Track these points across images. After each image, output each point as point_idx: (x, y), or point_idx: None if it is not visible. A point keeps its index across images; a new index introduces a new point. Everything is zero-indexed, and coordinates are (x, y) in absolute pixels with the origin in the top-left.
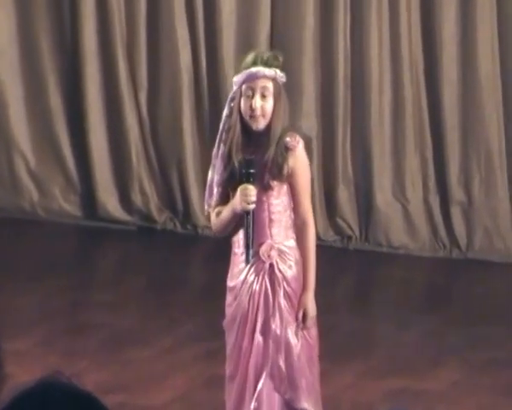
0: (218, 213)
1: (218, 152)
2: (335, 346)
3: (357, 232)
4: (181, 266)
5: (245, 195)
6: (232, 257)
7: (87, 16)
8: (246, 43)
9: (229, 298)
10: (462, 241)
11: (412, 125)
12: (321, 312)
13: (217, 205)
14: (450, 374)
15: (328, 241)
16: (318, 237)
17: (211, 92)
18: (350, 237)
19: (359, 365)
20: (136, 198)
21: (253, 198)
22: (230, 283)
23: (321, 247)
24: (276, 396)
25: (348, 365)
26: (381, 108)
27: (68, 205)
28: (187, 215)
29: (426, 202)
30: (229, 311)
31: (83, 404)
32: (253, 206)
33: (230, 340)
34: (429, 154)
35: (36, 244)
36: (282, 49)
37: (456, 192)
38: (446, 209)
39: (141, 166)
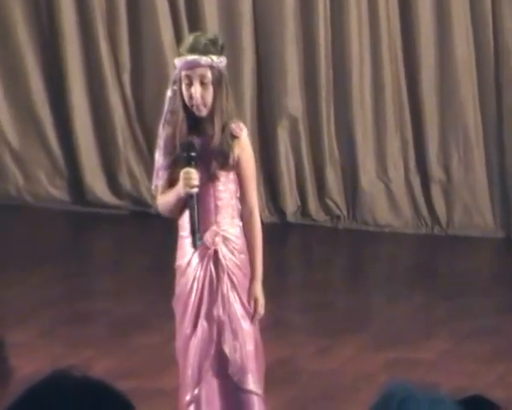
0: (163, 193)
1: (162, 133)
2: (334, 322)
3: (344, 212)
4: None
5: (187, 179)
6: (179, 240)
7: None
8: (228, 23)
9: (176, 277)
10: (443, 218)
11: (392, 106)
12: (318, 289)
13: (165, 186)
14: (440, 344)
15: (319, 221)
16: (311, 218)
17: None
18: (338, 217)
19: (357, 338)
20: (125, 181)
21: (195, 182)
22: (176, 263)
23: (314, 227)
24: (218, 383)
25: (347, 339)
26: (361, 90)
27: (55, 190)
28: None
29: (407, 181)
30: (176, 290)
31: (98, 392)
32: (195, 190)
33: (176, 319)
34: (409, 134)
35: (26, 231)
36: (264, 29)
37: (436, 171)
38: (427, 188)
39: (128, 149)
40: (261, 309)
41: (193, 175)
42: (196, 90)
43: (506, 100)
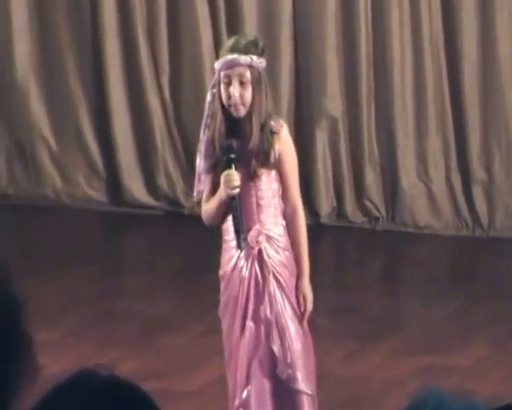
0: (207, 200)
1: (203, 137)
2: (365, 325)
3: (383, 213)
4: (210, 251)
5: (227, 181)
6: (223, 245)
7: None
8: (268, 24)
9: (221, 286)
10: (484, 219)
11: (434, 106)
12: (351, 292)
13: (208, 192)
14: (477, 350)
15: (356, 223)
16: (347, 219)
17: None
18: (377, 219)
19: (389, 343)
20: (162, 183)
21: (236, 183)
22: (221, 271)
23: (350, 229)
24: (268, 385)
25: (378, 343)
26: (403, 90)
27: (93, 191)
28: None
29: (448, 182)
30: (222, 299)
31: (124, 391)
32: (237, 190)
33: (224, 326)
34: (450, 134)
35: (61, 232)
36: (304, 30)
37: (478, 172)
38: (468, 189)
39: (165, 150)
40: (310, 305)
41: (234, 176)
42: (235, 88)
43: None
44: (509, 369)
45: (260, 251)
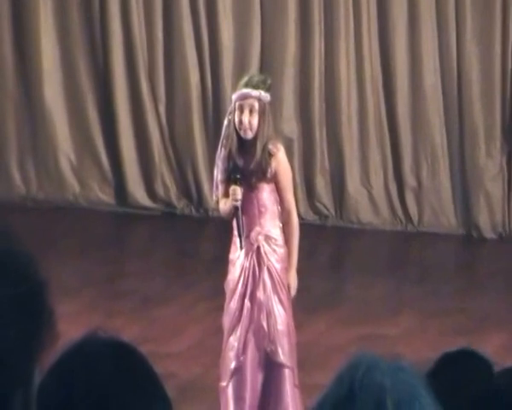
0: (225, 203)
1: (220, 154)
2: (310, 301)
3: (333, 212)
4: (196, 242)
5: (232, 194)
6: (233, 238)
7: (116, 46)
8: (241, 64)
9: (229, 266)
10: (415, 217)
11: (374, 127)
12: (303, 275)
13: (223, 196)
14: (406, 322)
15: (308, 220)
16: (300, 217)
17: (215, 104)
18: (327, 217)
19: (330, 316)
20: (159, 189)
21: (239, 196)
22: (230, 255)
23: (302, 225)
24: (258, 356)
25: (320, 316)
26: (349, 115)
27: (104, 195)
28: (200, 202)
29: (386, 187)
30: (228, 277)
31: (124, 351)
32: (239, 203)
33: (226, 298)
34: (388, 150)
35: (78, 227)
36: (268, 67)
37: (409, 179)
38: (402, 193)
39: (162, 164)
40: (293, 292)
41: (237, 191)
42: (245, 116)
43: (467, 120)
44: (433, 337)
45: (259, 247)
